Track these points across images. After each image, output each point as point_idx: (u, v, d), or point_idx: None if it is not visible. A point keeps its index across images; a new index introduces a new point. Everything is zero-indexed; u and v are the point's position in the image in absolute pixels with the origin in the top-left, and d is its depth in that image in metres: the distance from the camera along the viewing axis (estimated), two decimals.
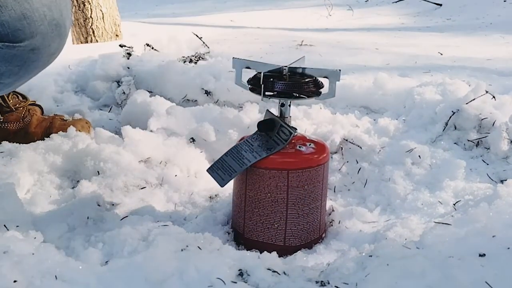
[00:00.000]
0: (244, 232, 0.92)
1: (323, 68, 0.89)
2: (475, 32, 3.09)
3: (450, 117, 1.19)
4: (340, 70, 0.86)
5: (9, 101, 1.34)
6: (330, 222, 0.99)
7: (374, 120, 1.31)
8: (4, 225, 0.85)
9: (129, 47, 1.77)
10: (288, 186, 0.87)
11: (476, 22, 3.54)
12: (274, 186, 0.87)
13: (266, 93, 0.87)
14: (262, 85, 0.86)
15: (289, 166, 0.86)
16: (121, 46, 1.78)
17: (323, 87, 0.89)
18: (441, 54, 2.25)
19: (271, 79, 0.86)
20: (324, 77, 0.89)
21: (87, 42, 2.57)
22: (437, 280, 0.65)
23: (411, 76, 1.69)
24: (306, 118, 1.30)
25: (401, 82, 1.51)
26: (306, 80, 0.88)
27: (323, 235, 0.95)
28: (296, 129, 0.90)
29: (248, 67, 0.92)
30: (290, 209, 0.88)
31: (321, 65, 0.92)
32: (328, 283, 0.73)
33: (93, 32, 2.61)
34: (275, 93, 0.88)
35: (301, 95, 0.88)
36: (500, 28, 3.12)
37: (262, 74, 0.86)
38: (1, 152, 1.13)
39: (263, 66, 0.90)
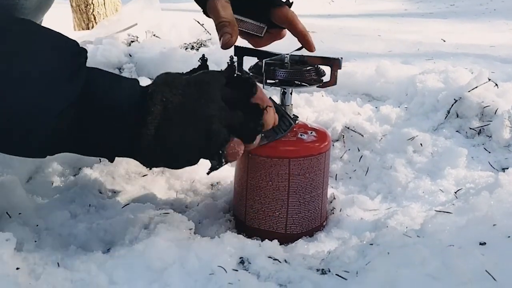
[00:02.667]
0: (245, 220, 0.92)
1: (324, 56, 0.89)
2: (479, 18, 3.07)
3: (452, 105, 1.18)
4: (341, 58, 0.86)
5: None
6: (332, 210, 1.00)
7: (376, 107, 1.30)
8: (7, 213, 0.85)
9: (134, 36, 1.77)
10: (290, 174, 0.87)
11: (479, 8, 3.52)
12: (275, 174, 0.87)
13: (268, 81, 0.87)
14: (264, 73, 0.85)
15: (291, 154, 0.86)
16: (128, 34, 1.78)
17: (324, 75, 0.88)
18: (444, 41, 2.24)
19: (272, 67, 0.86)
20: (326, 65, 0.88)
21: (88, 29, 2.56)
22: (437, 268, 0.65)
23: (414, 64, 1.69)
24: (308, 106, 1.30)
25: (403, 69, 1.51)
26: (308, 68, 0.88)
27: (324, 223, 0.95)
28: (297, 117, 0.90)
29: (249, 55, 0.91)
30: (291, 197, 0.88)
31: (323, 52, 0.91)
32: (329, 271, 0.73)
33: (94, 18, 2.60)
34: (277, 81, 0.88)
35: (303, 83, 0.88)
36: (504, 14, 3.10)
37: (263, 62, 0.86)
38: None
39: (265, 54, 0.90)
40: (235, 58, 0.82)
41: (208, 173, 0.78)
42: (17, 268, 0.67)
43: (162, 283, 0.67)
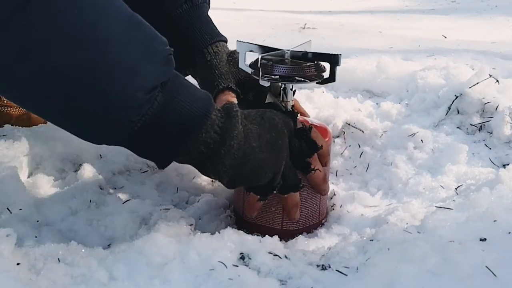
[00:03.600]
0: (243, 215, 0.92)
1: (323, 52, 0.88)
2: (480, 14, 3.07)
3: (453, 101, 1.18)
4: (340, 54, 0.85)
5: None
6: (332, 206, 1.00)
7: (377, 104, 1.30)
8: (7, 208, 0.85)
9: None
10: None
11: (481, 4, 3.52)
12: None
13: (268, 76, 0.87)
14: (260, 69, 0.85)
15: None
16: None
17: (325, 71, 0.88)
18: (445, 37, 2.24)
19: (271, 63, 0.86)
20: (325, 61, 0.88)
21: None
22: (438, 264, 0.65)
23: (415, 60, 1.69)
24: (309, 102, 1.30)
25: (404, 65, 1.51)
26: (307, 64, 0.87)
27: (324, 220, 0.95)
28: (298, 113, 0.90)
29: (251, 51, 0.91)
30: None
31: (324, 49, 0.91)
32: (329, 267, 0.73)
33: None
34: (277, 77, 0.87)
35: (302, 79, 0.88)
36: (506, 11, 3.10)
37: (260, 57, 0.86)
38: (3, 136, 1.13)
39: (267, 49, 0.90)
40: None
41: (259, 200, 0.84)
42: (18, 264, 0.67)
43: (162, 278, 0.68)
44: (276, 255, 0.75)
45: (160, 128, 0.70)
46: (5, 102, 1.32)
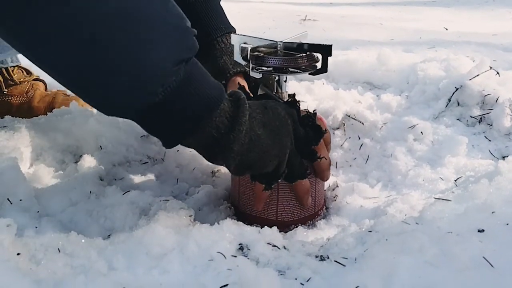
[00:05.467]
0: (239, 206, 0.92)
1: (315, 43, 0.88)
2: (482, 6, 3.06)
3: (453, 93, 1.18)
4: (331, 44, 0.85)
5: (14, 75, 1.35)
6: (334, 197, 1.00)
7: (377, 96, 1.30)
8: (8, 199, 0.86)
9: None
10: None
11: None
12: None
13: (261, 68, 0.87)
14: (250, 61, 0.85)
15: None
16: None
17: (318, 61, 0.88)
18: (446, 29, 2.23)
19: (262, 54, 0.86)
20: (316, 52, 0.88)
21: None
22: (435, 255, 0.65)
23: (415, 52, 1.68)
24: (309, 94, 1.30)
25: (404, 57, 1.50)
26: (300, 55, 0.87)
27: (320, 211, 0.95)
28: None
29: (245, 43, 0.91)
30: (281, 185, 0.88)
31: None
32: (328, 257, 0.73)
33: None
34: (270, 68, 0.87)
35: (295, 70, 0.88)
36: (507, 3, 3.09)
37: (249, 48, 0.86)
38: (4, 127, 1.13)
39: (260, 41, 0.90)
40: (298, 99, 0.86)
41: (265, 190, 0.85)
42: (18, 254, 0.67)
43: (162, 269, 0.68)
44: (275, 246, 0.76)
45: (179, 104, 0.71)
46: (6, 91, 1.33)
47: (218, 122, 0.73)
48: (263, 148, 0.77)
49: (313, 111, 0.86)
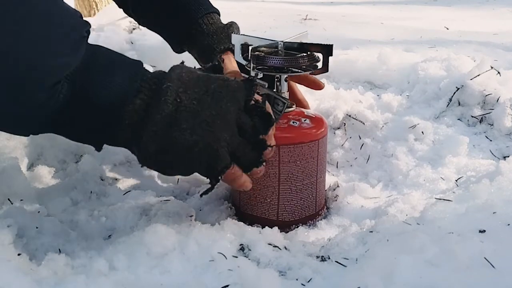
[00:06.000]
0: (240, 206, 0.92)
1: (316, 43, 0.88)
2: (482, 5, 3.05)
3: (454, 93, 1.18)
4: (332, 44, 0.85)
5: None
6: (335, 197, 1.00)
7: (378, 95, 1.30)
8: (8, 199, 0.86)
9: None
10: (280, 161, 0.87)
11: None
12: (266, 161, 0.87)
13: (262, 68, 0.87)
14: (251, 60, 0.85)
15: (280, 141, 0.85)
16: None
17: (318, 61, 0.88)
18: (447, 29, 2.23)
19: (263, 54, 0.86)
20: (317, 51, 0.88)
21: (90, 16, 2.55)
22: (436, 255, 0.65)
23: (416, 51, 1.68)
24: (309, 94, 1.29)
25: (405, 57, 1.50)
26: (301, 54, 0.87)
27: (321, 211, 0.95)
28: (294, 104, 0.90)
29: (246, 42, 0.91)
30: (282, 184, 0.88)
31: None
32: (329, 258, 0.73)
33: (96, 5, 2.59)
34: (271, 68, 0.87)
35: (296, 70, 0.88)
36: (508, 2, 3.08)
37: (250, 49, 0.86)
38: None
39: (260, 41, 0.89)
40: (256, 79, 0.80)
41: (201, 196, 0.78)
42: (19, 254, 0.68)
43: (162, 268, 0.68)
44: (275, 246, 0.76)
45: (75, 120, 0.66)
46: None
47: (130, 123, 0.67)
48: (185, 146, 0.69)
49: (262, 99, 0.78)
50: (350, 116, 1.19)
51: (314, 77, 0.98)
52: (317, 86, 1.02)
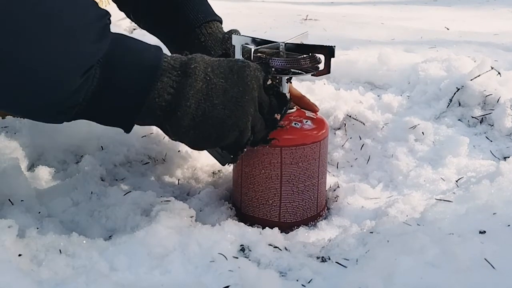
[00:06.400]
0: (241, 207, 0.92)
1: (318, 44, 0.88)
2: (483, 6, 3.05)
3: (455, 93, 1.18)
4: (334, 46, 0.85)
5: None
6: (335, 198, 1.00)
7: (378, 96, 1.30)
8: (9, 199, 0.86)
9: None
10: (282, 163, 0.87)
11: None
12: (268, 163, 0.87)
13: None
14: (252, 61, 0.85)
15: (282, 143, 0.86)
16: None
17: (320, 62, 0.88)
18: (448, 29, 2.23)
19: (264, 55, 0.86)
20: (319, 53, 0.88)
21: None
22: (437, 256, 0.65)
23: (416, 52, 1.68)
24: (310, 94, 1.29)
25: (405, 57, 1.50)
26: (302, 56, 0.87)
27: (322, 212, 0.95)
28: (294, 105, 0.90)
29: (247, 43, 0.91)
30: (284, 186, 0.88)
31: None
32: (329, 258, 0.74)
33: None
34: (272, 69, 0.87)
35: (298, 72, 0.87)
36: (508, 2, 3.08)
37: (253, 50, 0.85)
38: (5, 127, 1.13)
39: (262, 42, 0.89)
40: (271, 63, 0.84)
41: (223, 164, 0.86)
42: (19, 255, 0.68)
43: (163, 269, 0.68)
44: (276, 247, 0.76)
45: (106, 102, 0.69)
46: None
47: (160, 102, 0.71)
48: (219, 119, 0.74)
49: (277, 80, 0.85)
50: (350, 116, 1.19)
51: (309, 100, 0.96)
52: (312, 109, 0.97)
